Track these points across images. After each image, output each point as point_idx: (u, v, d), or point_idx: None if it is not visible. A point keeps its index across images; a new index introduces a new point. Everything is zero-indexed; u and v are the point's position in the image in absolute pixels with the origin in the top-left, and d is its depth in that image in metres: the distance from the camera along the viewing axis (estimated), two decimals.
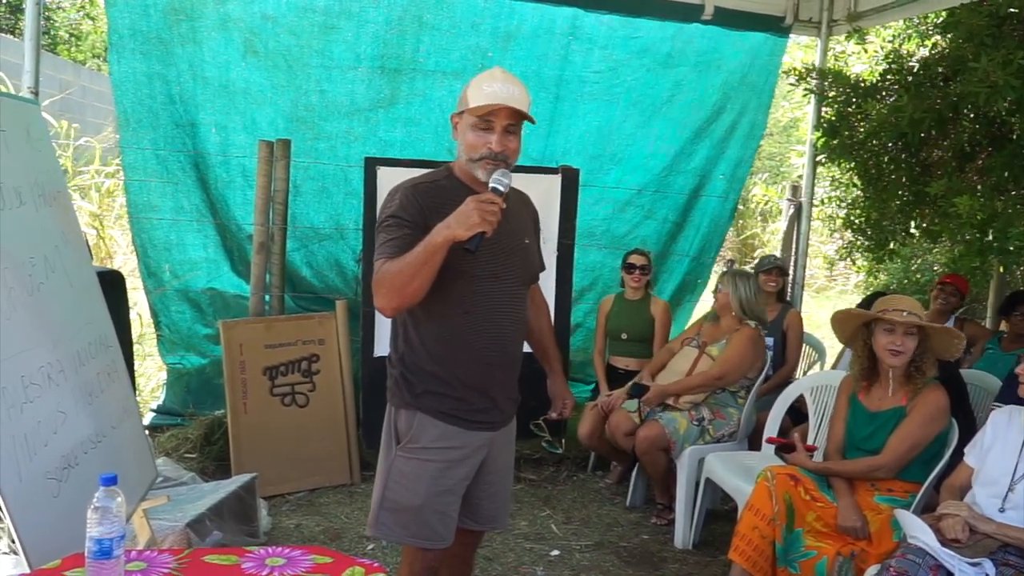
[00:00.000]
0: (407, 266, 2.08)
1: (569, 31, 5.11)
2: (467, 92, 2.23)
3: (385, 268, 2.13)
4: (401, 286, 2.10)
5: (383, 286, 2.12)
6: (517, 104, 2.19)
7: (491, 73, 2.24)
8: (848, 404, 3.28)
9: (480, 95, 2.18)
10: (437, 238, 2.05)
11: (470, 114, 2.20)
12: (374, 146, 4.89)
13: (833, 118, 4.94)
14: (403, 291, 2.10)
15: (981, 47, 3.91)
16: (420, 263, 2.07)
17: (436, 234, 2.06)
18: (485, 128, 2.19)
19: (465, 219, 2.03)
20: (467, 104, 2.21)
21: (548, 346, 2.72)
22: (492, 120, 2.19)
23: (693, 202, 5.79)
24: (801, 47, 9.05)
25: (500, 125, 2.19)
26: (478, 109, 2.17)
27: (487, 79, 2.21)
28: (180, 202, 4.78)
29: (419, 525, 2.31)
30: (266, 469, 4.07)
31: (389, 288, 2.11)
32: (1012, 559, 2.57)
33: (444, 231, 2.05)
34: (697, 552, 3.88)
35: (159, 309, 4.89)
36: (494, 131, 2.19)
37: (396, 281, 2.10)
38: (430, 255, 2.06)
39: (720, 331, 4.22)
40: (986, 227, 4.11)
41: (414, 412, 2.32)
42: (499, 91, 2.18)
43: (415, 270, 2.07)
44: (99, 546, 1.63)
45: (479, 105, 2.17)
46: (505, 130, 2.20)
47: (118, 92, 4.50)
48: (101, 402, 2.66)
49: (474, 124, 2.20)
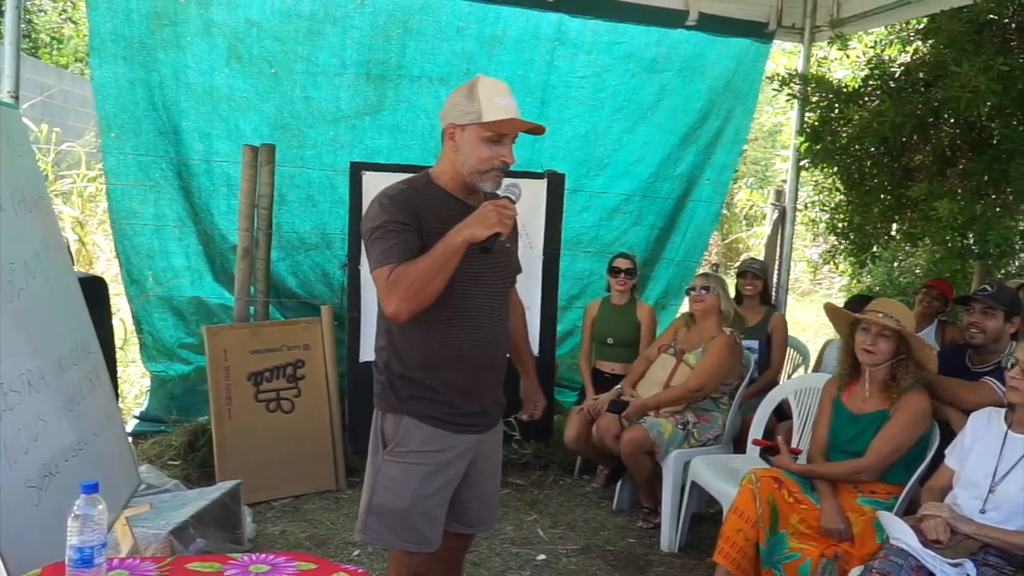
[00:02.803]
0: (427, 267, 2.13)
1: (554, 36, 5.11)
2: (475, 104, 2.23)
3: (399, 272, 2.15)
4: (420, 288, 2.14)
5: (400, 289, 2.14)
6: (527, 118, 2.28)
7: (495, 85, 2.28)
8: (832, 407, 3.30)
9: (495, 110, 2.22)
10: (457, 238, 2.13)
11: (485, 129, 2.23)
12: (360, 153, 4.87)
13: (816, 123, 4.96)
14: (421, 293, 2.15)
15: (962, 53, 3.95)
16: (440, 264, 2.13)
17: (455, 234, 2.13)
18: (497, 141, 2.24)
19: (484, 220, 2.13)
20: (479, 117, 2.22)
21: (522, 347, 2.76)
22: (504, 134, 2.25)
23: (680, 207, 5.80)
24: (785, 53, 9.12)
25: (511, 138, 2.27)
26: (496, 124, 2.22)
27: (495, 93, 2.25)
28: (162, 209, 4.74)
29: (406, 529, 2.32)
30: (251, 476, 4.05)
31: (407, 291, 2.14)
32: (992, 560, 2.59)
33: (464, 231, 2.13)
34: (683, 555, 3.89)
35: (142, 317, 4.85)
36: (506, 144, 2.26)
37: (416, 284, 2.13)
38: (450, 255, 2.14)
39: (698, 336, 4.21)
40: (966, 230, 4.15)
41: (401, 416, 2.33)
42: (510, 106, 2.25)
43: (434, 271, 2.13)
44: (80, 554, 1.62)
45: (497, 120, 2.22)
46: (512, 141, 2.29)
47: (99, 97, 4.46)
48: (83, 409, 2.64)
49: (487, 138, 2.23)
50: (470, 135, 2.25)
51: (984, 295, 3.48)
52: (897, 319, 3.10)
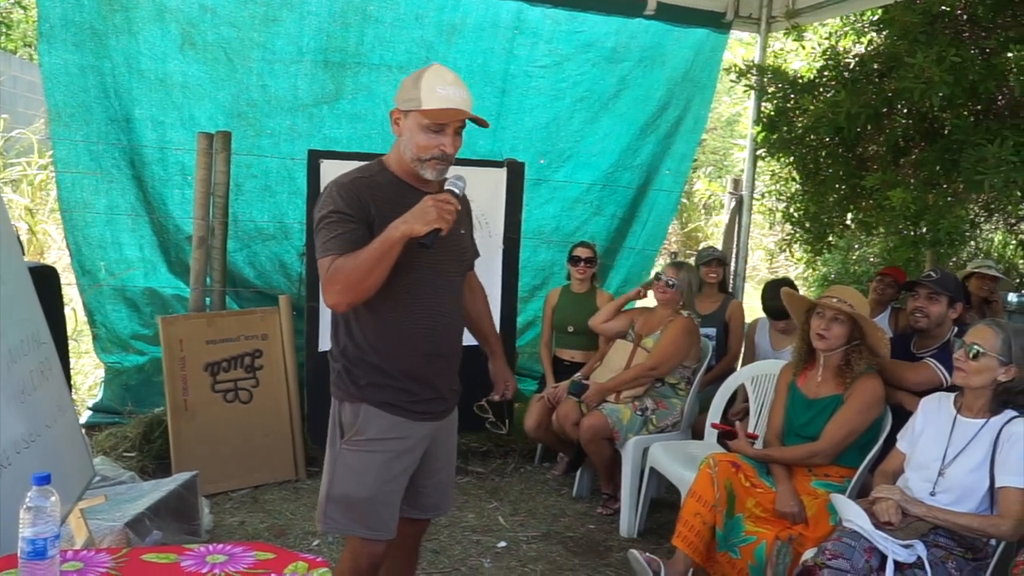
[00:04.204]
0: (363, 261, 2.10)
1: (514, 24, 5.10)
2: (417, 91, 2.20)
3: (338, 264, 2.13)
4: (358, 281, 2.12)
5: (338, 282, 2.13)
6: (470, 108, 2.23)
7: (440, 74, 2.23)
8: (787, 392, 3.36)
9: (435, 98, 2.18)
10: (395, 233, 2.09)
11: (423, 116, 2.19)
12: (319, 143, 4.80)
13: (772, 113, 5.02)
14: (359, 286, 2.13)
15: (915, 44, 4.01)
16: (377, 258, 2.10)
17: (393, 229, 2.10)
18: (437, 131, 2.21)
19: (423, 215, 2.09)
20: (419, 105, 2.19)
21: (487, 329, 2.76)
22: (445, 123, 2.21)
23: (640, 197, 5.85)
24: (742, 43, 9.21)
25: (453, 128, 2.23)
26: (434, 113, 2.18)
27: (438, 81, 2.20)
28: (115, 200, 4.62)
29: (368, 516, 2.32)
30: (208, 467, 4.00)
31: (345, 284, 2.13)
32: (942, 541, 2.66)
33: (402, 226, 2.09)
34: (642, 540, 3.94)
35: (94, 308, 4.73)
36: (446, 133, 2.22)
37: (353, 277, 2.11)
38: (387, 250, 2.10)
39: (654, 321, 4.26)
40: (919, 219, 4.23)
41: (359, 404, 2.33)
42: (452, 95, 2.20)
43: (372, 265, 2.10)
44: (32, 546, 1.59)
45: (436, 109, 2.18)
46: (455, 131, 2.24)
47: (48, 84, 4.33)
48: (34, 400, 2.59)
49: (426, 126, 2.20)
50: (411, 122, 2.23)
51: (929, 280, 3.57)
52: (851, 304, 3.16)
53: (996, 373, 2.72)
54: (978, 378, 2.74)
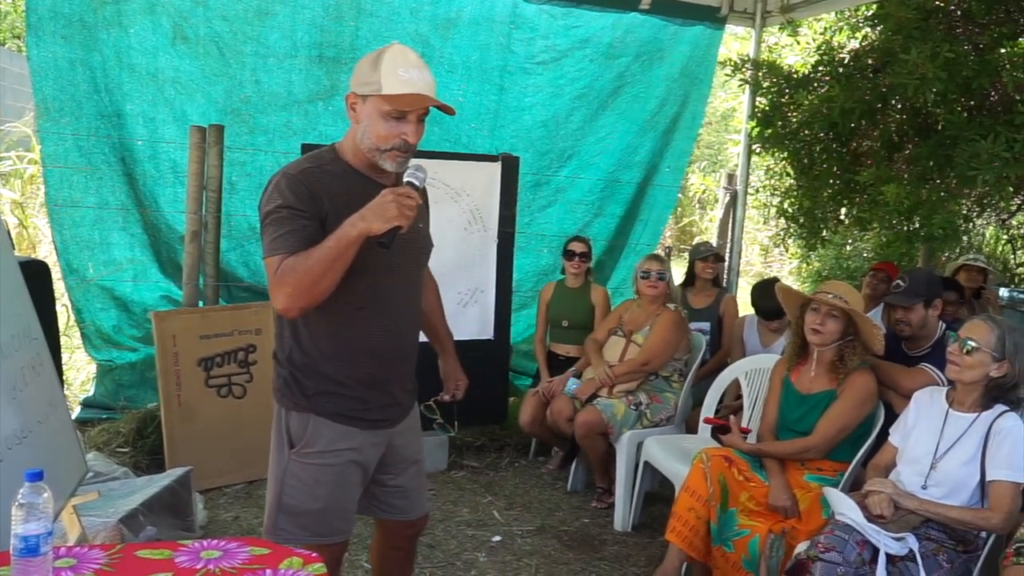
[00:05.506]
0: (316, 263, 1.92)
1: (510, 19, 5.09)
2: (376, 75, 1.99)
3: (288, 265, 1.94)
4: (310, 285, 1.93)
5: (288, 285, 1.93)
6: (433, 93, 2.04)
7: (402, 54, 2.02)
8: (781, 386, 3.37)
9: (396, 82, 1.98)
10: (351, 232, 1.90)
11: (384, 102, 1.99)
12: (314, 140, 4.71)
13: (767, 108, 5.03)
14: (312, 290, 1.94)
15: (909, 40, 4.02)
16: (331, 259, 1.92)
17: (350, 227, 1.91)
18: (399, 118, 2.01)
19: (382, 212, 1.90)
20: (379, 89, 1.98)
21: (439, 326, 2.60)
22: (407, 110, 2.01)
23: (640, 195, 5.84)
24: (737, 38, 9.21)
25: (416, 115, 2.03)
26: (396, 99, 1.99)
27: (400, 63, 2.00)
28: (105, 197, 4.55)
29: (321, 525, 2.20)
30: (202, 462, 4.00)
31: (296, 288, 1.93)
32: (934, 534, 2.68)
33: (359, 224, 1.90)
34: (636, 534, 3.95)
35: (83, 307, 4.68)
36: (409, 121, 2.02)
37: (305, 279, 1.92)
38: (343, 250, 1.92)
39: (643, 316, 4.27)
40: (912, 214, 4.25)
41: (308, 415, 2.18)
42: (416, 78, 2.00)
43: (325, 267, 1.92)
44: (25, 543, 1.58)
45: (397, 94, 1.98)
46: (419, 119, 2.04)
47: (37, 78, 4.28)
48: (26, 396, 2.58)
49: (387, 113, 2.00)
50: (370, 108, 2.02)
51: (898, 294, 3.46)
52: (845, 299, 3.16)
53: (989, 368, 2.73)
54: (971, 373, 2.75)
